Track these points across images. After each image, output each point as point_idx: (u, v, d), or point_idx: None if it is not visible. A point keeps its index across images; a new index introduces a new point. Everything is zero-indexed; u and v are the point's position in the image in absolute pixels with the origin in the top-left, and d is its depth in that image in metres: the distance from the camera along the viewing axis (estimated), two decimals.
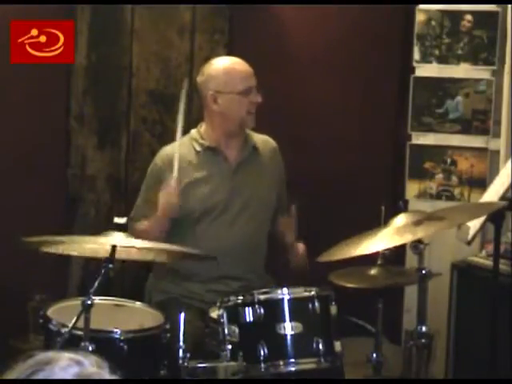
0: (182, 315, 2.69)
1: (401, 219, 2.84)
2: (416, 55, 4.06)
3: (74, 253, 3.00)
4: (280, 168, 3.59)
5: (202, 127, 3.49)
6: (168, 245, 3.05)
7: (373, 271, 3.05)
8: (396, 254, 3.14)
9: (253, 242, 3.44)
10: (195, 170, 3.43)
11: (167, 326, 2.88)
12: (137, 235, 2.94)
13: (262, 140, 3.55)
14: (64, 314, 2.84)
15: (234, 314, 2.78)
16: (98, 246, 2.81)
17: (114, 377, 1.21)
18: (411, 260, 3.24)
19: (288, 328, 2.74)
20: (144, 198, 3.46)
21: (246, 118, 3.41)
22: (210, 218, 3.40)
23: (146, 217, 3.38)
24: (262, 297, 2.78)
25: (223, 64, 3.43)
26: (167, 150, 3.48)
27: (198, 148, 3.44)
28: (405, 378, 3.16)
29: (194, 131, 3.50)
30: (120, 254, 2.73)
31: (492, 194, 3.24)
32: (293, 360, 2.73)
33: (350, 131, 4.21)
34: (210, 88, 3.39)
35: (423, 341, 2.80)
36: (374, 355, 3.04)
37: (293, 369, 2.73)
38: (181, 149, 3.41)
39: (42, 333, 2.95)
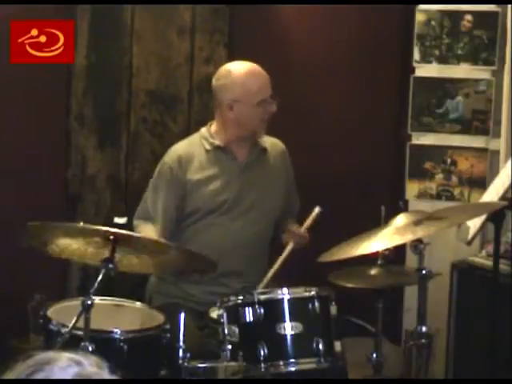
0: (182, 315, 2.69)
1: (401, 219, 2.84)
2: (416, 55, 4.06)
3: (74, 257, 3.00)
4: (288, 171, 3.60)
5: (212, 126, 3.49)
6: (170, 242, 3.07)
7: (373, 271, 3.05)
8: (396, 254, 3.14)
9: (255, 240, 3.45)
10: (204, 169, 3.44)
11: (167, 326, 2.88)
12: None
13: (271, 142, 3.56)
14: (64, 314, 2.83)
15: (234, 314, 2.78)
16: (98, 247, 2.81)
17: (113, 377, 1.21)
18: (411, 260, 3.24)
19: (288, 328, 2.74)
20: (153, 201, 3.44)
21: (260, 125, 3.42)
22: (215, 214, 3.41)
23: (152, 220, 3.40)
24: (262, 297, 2.78)
25: (241, 72, 3.40)
26: (177, 149, 3.48)
27: (208, 147, 3.45)
28: (405, 378, 3.16)
29: (204, 130, 3.50)
30: (120, 267, 2.74)
31: (492, 193, 3.24)
32: (293, 360, 2.73)
33: (349, 131, 4.21)
34: (226, 96, 3.39)
35: (423, 341, 2.80)
36: (374, 355, 3.05)
37: (293, 369, 2.73)
38: (191, 147, 3.46)
39: (42, 333, 2.94)
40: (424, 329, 2.79)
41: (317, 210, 3.38)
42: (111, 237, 2.70)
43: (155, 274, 3.36)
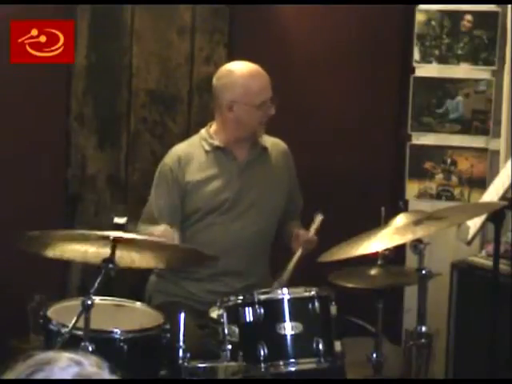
0: (182, 315, 2.69)
1: (401, 219, 2.84)
2: (416, 55, 4.06)
3: (75, 258, 3.00)
4: (291, 171, 3.60)
5: (212, 127, 3.49)
6: (168, 243, 3.07)
7: (373, 271, 3.05)
8: (396, 254, 3.14)
9: (255, 240, 3.44)
10: (204, 169, 3.44)
11: (167, 326, 2.88)
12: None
13: (272, 142, 3.56)
14: (64, 314, 2.83)
15: (234, 314, 2.78)
16: (98, 247, 2.81)
17: (113, 377, 1.21)
18: (411, 260, 3.24)
19: (288, 328, 2.74)
20: (156, 202, 3.44)
21: (258, 127, 3.43)
22: (215, 214, 3.42)
23: (157, 222, 3.40)
24: (262, 297, 2.79)
25: (243, 73, 3.39)
26: (177, 150, 3.49)
27: (208, 147, 3.45)
28: (405, 378, 3.16)
29: (203, 131, 3.51)
30: (122, 263, 2.74)
31: (492, 193, 3.24)
32: (293, 360, 2.74)
33: (350, 131, 4.21)
34: (226, 96, 3.38)
35: (423, 341, 2.80)
36: (374, 355, 3.04)
37: (293, 369, 2.74)
38: (190, 148, 3.46)
39: (42, 333, 2.95)
40: (424, 329, 2.79)
41: (320, 216, 3.36)
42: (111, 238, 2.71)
43: (157, 267, 3.34)
